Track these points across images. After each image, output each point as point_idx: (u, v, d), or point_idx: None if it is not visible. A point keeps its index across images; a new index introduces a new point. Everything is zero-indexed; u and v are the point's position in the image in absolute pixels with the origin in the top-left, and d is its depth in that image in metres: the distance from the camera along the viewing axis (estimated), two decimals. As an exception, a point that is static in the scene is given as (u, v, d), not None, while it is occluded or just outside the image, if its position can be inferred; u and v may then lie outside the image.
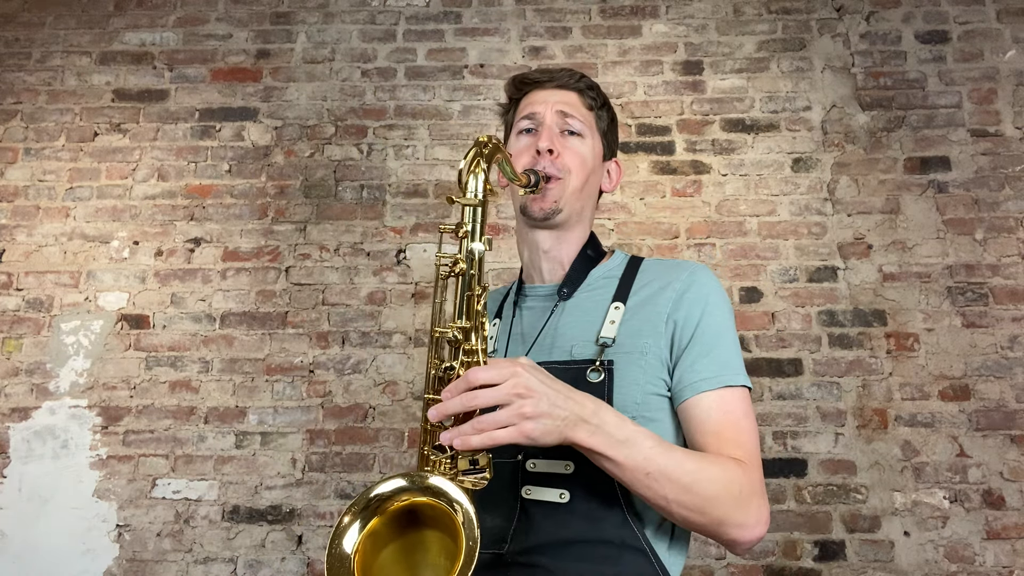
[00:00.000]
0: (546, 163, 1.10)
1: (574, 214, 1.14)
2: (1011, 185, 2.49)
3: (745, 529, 0.90)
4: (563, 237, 1.15)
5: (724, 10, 2.75)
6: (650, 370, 1.00)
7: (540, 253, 1.16)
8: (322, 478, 2.38)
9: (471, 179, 0.93)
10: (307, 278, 2.56)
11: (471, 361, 0.89)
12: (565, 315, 1.10)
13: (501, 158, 0.96)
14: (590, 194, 1.18)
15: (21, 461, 2.40)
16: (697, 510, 0.88)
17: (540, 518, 0.96)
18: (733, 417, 0.97)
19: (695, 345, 1.00)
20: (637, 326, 1.03)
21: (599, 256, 1.18)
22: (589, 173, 1.15)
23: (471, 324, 0.90)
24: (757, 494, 0.92)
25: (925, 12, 2.68)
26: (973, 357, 2.35)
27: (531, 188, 1.07)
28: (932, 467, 2.27)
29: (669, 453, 0.88)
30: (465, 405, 0.80)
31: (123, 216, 2.62)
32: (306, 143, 2.69)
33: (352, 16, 2.82)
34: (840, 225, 2.50)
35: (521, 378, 0.80)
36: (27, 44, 2.81)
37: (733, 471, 0.90)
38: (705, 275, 1.07)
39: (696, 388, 0.98)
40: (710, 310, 1.03)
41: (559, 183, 1.11)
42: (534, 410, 0.80)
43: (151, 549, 2.33)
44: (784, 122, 2.62)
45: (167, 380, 2.47)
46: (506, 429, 0.79)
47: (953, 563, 2.19)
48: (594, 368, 1.00)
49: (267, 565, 2.31)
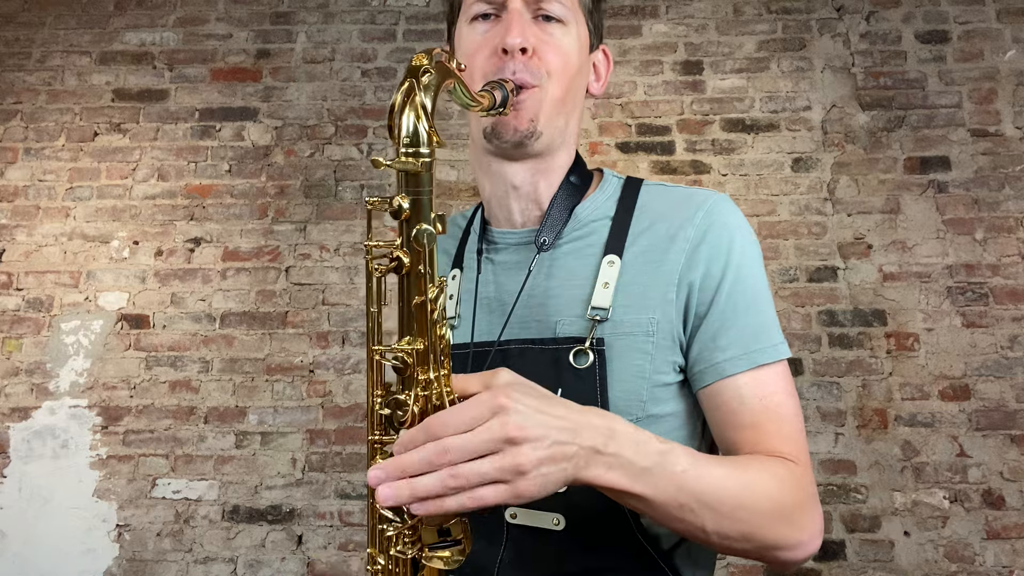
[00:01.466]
0: (517, 65, 0.79)
1: (557, 134, 0.85)
2: (1011, 185, 2.49)
3: (799, 549, 0.71)
4: (541, 167, 0.86)
5: (724, 10, 2.75)
6: (659, 355, 0.77)
7: (509, 190, 0.87)
8: (322, 478, 2.38)
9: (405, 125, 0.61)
10: (307, 278, 2.56)
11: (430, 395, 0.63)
12: (545, 275, 0.84)
13: (453, 82, 0.66)
14: (576, 102, 0.88)
15: (21, 461, 2.41)
16: (743, 537, 0.68)
17: (533, 549, 0.77)
18: (773, 402, 0.76)
19: (717, 312, 0.78)
20: (639, 292, 0.79)
21: (585, 183, 0.89)
22: (575, 73, 0.85)
23: (425, 344, 0.63)
24: (810, 502, 0.73)
25: (925, 12, 2.68)
26: (973, 357, 2.35)
27: (497, 109, 0.76)
28: (932, 467, 2.28)
29: (706, 474, 0.67)
30: (431, 464, 0.56)
31: (123, 216, 2.62)
32: (306, 143, 2.69)
33: (352, 16, 2.82)
34: (840, 225, 2.51)
35: (509, 416, 0.57)
36: (27, 44, 2.81)
37: (784, 480, 0.71)
38: (726, 210, 0.82)
39: (722, 370, 0.76)
40: (735, 261, 0.79)
41: (534, 93, 0.81)
42: (531, 459, 0.57)
43: (151, 549, 2.33)
44: (784, 122, 2.62)
45: (167, 380, 2.47)
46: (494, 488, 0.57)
47: (953, 563, 2.19)
48: (581, 348, 0.76)
49: (267, 565, 2.31)
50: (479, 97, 0.72)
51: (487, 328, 0.86)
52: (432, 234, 0.62)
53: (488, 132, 0.83)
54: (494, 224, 0.91)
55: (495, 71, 0.80)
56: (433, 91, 0.62)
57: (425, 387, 0.63)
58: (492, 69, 0.81)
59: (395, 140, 0.62)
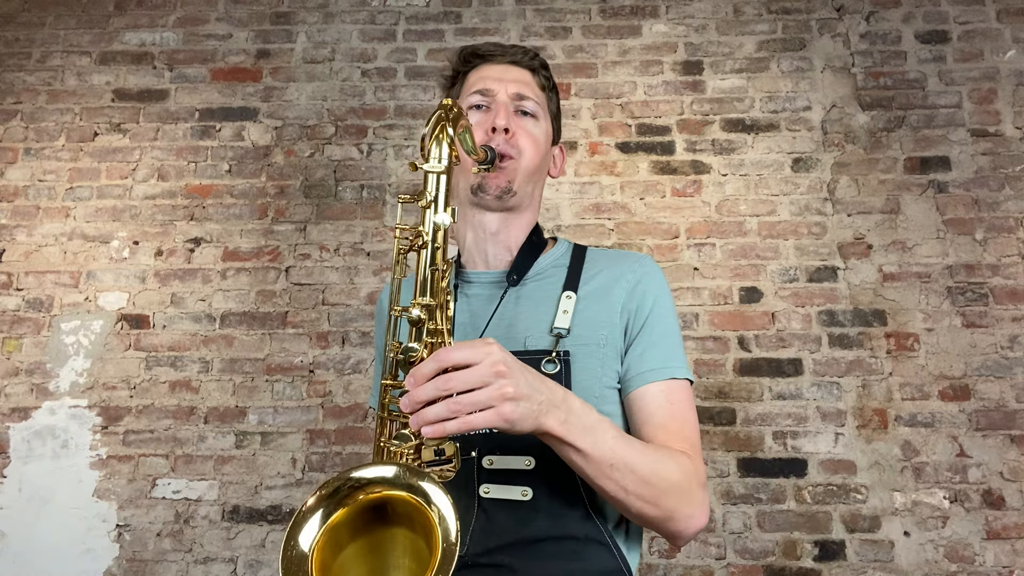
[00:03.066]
0: (500, 140, 1.06)
1: (526, 196, 1.12)
2: (1011, 185, 2.49)
3: (692, 520, 0.90)
4: (512, 220, 1.11)
5: (724, 10, 2.75)
6: (608, 362, 0.99)
7: (487, 236, 1.11)
8: (322, 478, 2.38)
9: (434, 145, 0.87)
10: (307, 278, 2.56)
11: (435, 342, 0.82)
12: (515, 304, 1.06)
13: (465, 126, 0.91)
14: (540, 177, 1.15)
15: (21, 461, 2.40)
16: (652, 502, 0.87)
17: (502, 517, 0.92)
18: (679, 409, 0.97)
19: (645, 335, 1.00)
20: (592, 316, 1.02)
21: (543, 243, 1.15)
22: (543, 155, 1.13)
23: (436, 302, 0.83)
24: (702, 487, 0.92)
25: (925, 12, 2.68)
26: (973, 357, 2.35)
27: (486, 165, 1.03)
28: (932, 467, 2.27)
29: (630, 444, 0.87)
30: (439, 390, 0.73)
31: (123, 216, 2.62)
32: (306, 143, 2.69)
33: (352, 16, 2.82)
34: (840, 225, 2.50)
35: (498, 356, 0.75)
36: (27, 44, 2.81)
37: (684, 465, 0.90)
38: (654, 267, 1.08)
39: (645, 378, 0.98)
40: (660, 301, 1.04)
41: (512, 163, 1.08)
42: (515, 390, 0.74)
43: (151, 549, 2.33)
44: (784, 122, 2.62)
45: (167, 380, 2.47)
46: (484, 412, 0.73)
47: (953, 563, 2.19)
48: (549, 359, 0.97)
49: (267, 565, 2.31)
50: (479, 149, 0.99)
51: None
52: (447, 221, 0.85)
53: (475, 187, 1.08)
54: (470, 267, 1.14)
55: (486, 140, 1.06)
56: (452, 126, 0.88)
57: (432, 335, 0.83)
58: (484, 138, 1.07)
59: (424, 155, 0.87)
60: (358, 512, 0.75)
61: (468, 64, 1.15)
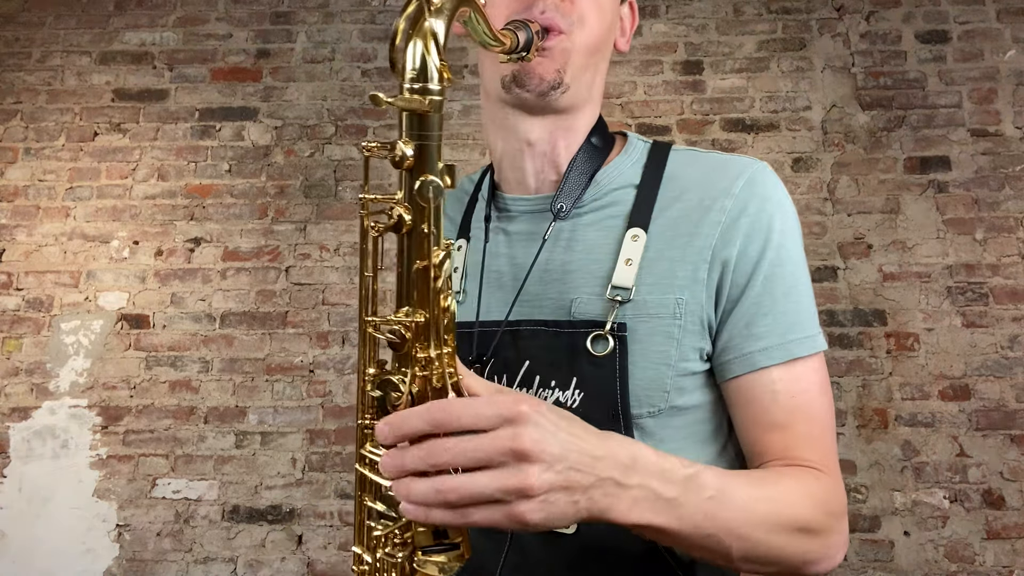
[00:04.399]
0: (547, 5, 0.71)
1: (583, 90, 0.78)
2: (1011, 185, 2.49)
3: (823, 564, 0.66)
4: (563, 126, 0.78)
5: (724, 10, 2.75)
6: (687, 340, 0.70)
7: (524, 148, 0.78)
8: (322, 478, 2.38)
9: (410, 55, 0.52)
10: (307, 278, 2.56)
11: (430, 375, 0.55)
12: (562, 248, 0.76)
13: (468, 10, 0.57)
14: (604, 57, 0.81)
15: (21, 461, 2.40)
16: (770, 561, 0.63)
17: (539, 553, 0.70)
18: (804, 400, 0.69)
19: (753, 297, 0.70)
20: (667, 268, 0.71)
21: (608, 146, 0.81)
22: (608, 24, 0.78)
23: (426, 316, 0.55)
24: (841, 517, 0.67)
25: (925, 12, 2.68)
26: (973, 357, 2.35)
27: (520, 53, 0.68)
28: (932, 467, 2.27)
29: (734, 498, 0.60)
30: (428, 462, 0.50)
31: (123, 216, 2.62)
32: (306, 143, 2.69)
33: (352, 16, 2.82)
34: (840, 225, 2.51)
35: (526, 427, 0.50)
36: (27, 44, 2.81)
37: (816, 498, 0.65)
38: (769, 181, 0.74)
39: (754, 362, 0.69)
40: (776, 240, 0.71)
41: (563, 39, 0.73)
42: (541, 482, 0.50)
43: (151, 549, 2.33)
44: (784, 122, 2.62)
45: (167, 380, 2.47)
46: (489, 509, 0.50)
47: (953, 563, 2.19)
48: (600, 334, 0.69)
49: (267, 565, 2.31)
50: (501, 35, 0.63)
51: (495, 305, 0.77)
52: (439, 187, 0.53)
53: (507, 81, 0.74)
54: (505, 189, 0.82)
55: (521, 9, 0.71)
56: (446, 16, 0.52)
57: (424, 366, 0.55)
58: (518, 7, 0.72)
59: (399, 74, 0.53)
60: None
61: None
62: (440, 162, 0.54)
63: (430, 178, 0.53)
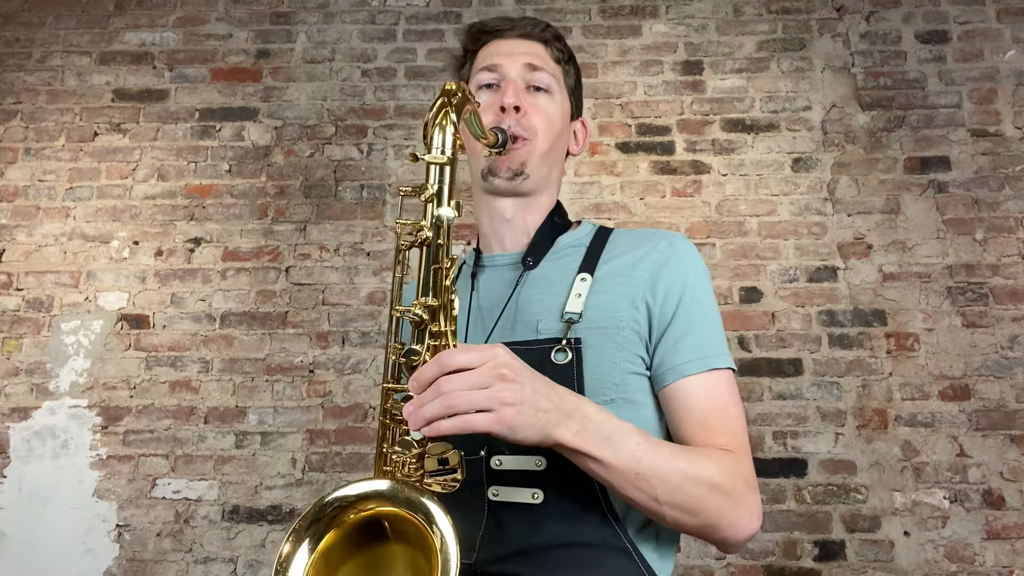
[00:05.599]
0: (511, 121, 0.99)
1: (541, 180, 1.04)
2: (1011, 185, 2.49)
3: (739, 528, 0.82)
4: (529, 205, 1.05)
5: (724, 10, 2.75)
6: (627, 346, 0.91)
7: (503, 222, 1.05)
8: (322, 478, 2.38)
9: (437, 133, 0.81)
10: (307, 278, 2.56)
11: (439, 344, 0.77)
12: (529, 287, 0.99)
13: (471, 110, 0.85)
14: (557, 157, 1.08)
15: (21, 461, 2.40)
16: (690, 511, 0.80)
17: (511, 522, 0.86)
18: (720, 402, 0.88)
19: (678, 323, 0.91)
20: (609, 299, 0.93)
21: (566, 225, 1.08)
22: (557, 134, 1.05)
23: (439, 302, 0.78)
24: (751, 488, 0.84)
25: (925, 12, 2.68)
26: (973, 357, 2.35)
27: (498, 148, 0.96)
28: (932, 467, 2.27)
29: (658, 449, 0.80)
30: (437, 393, 0.70)
31: (123, 216, 2.62)
32: (306, 143, 2.69)
33: (352, 16, 2.82)
34: (840, 225, 2.50)
35: (502, 359, 0.71)
36: (27, 44, 2.81)
37: (727, 465, 0.83)
38: (685, 245, 0.98)
39: (680, 372, 0.89)
40: (692, 283, 0.94)
41: (525, 144, 1.00)
42: (515, 396, 0.70)
43: (151, 549, 2.33)
44: (784, 122, 2.62)
45: (167, 380, 2.47)
46: (483, 415, 0.69)
47: (953, 563, 2.19)
48: (560, 347, 0.89)
49: (267, 565, 2.31)
50: (488, 133, 0.93)
51: (479, 336, 0.99)
52: (451, 216, 0.80)
53: (485, 171, 1.01)
54: (487, 251, 1.08)
55: (497, 120, 0.99)
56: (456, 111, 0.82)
57: (435, 337, 0.78)
58: (494, 119, 0.99)
59: (427, 144, 0.82)
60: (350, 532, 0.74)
61: (477, 42, 1.09)
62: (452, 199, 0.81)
63: (445, 208, 0.80)
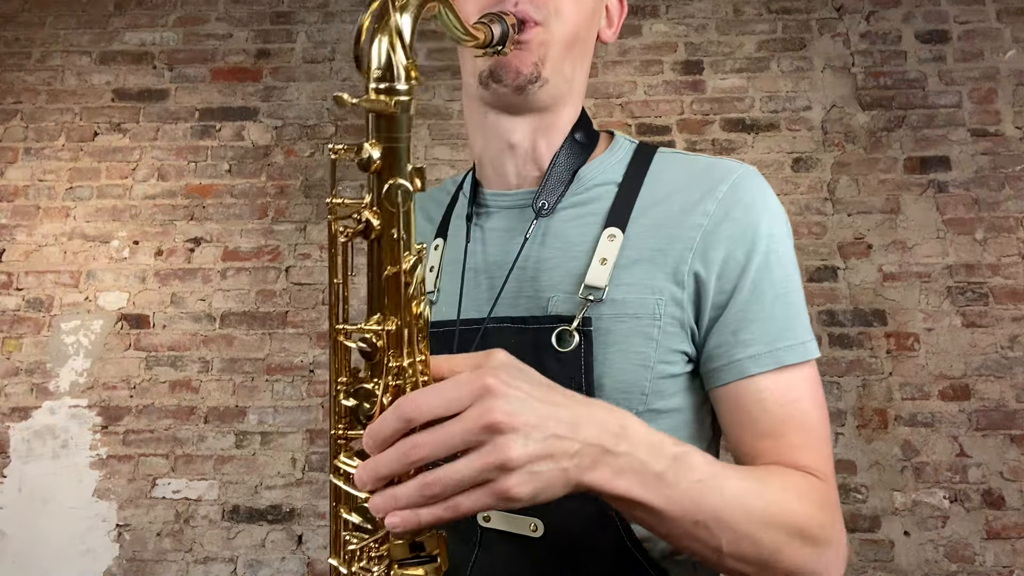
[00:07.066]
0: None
1: (563, 84, 0.74)
2: (1011, 185, 2.49)
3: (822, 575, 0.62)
4: (544, 124, 0.75)
5: (724, 10, 2.75)
6: (666, 342, 0.67)
7: (506, 149, 0.76)
8: (322, 478, 2.38)
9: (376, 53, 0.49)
10: (307, 278, 2.56)
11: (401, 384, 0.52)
12: (541, 245, 0.73)
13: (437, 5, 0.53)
14: (585, 51, 0.77)
15: (21, 461, 2.40)
16: (760, 563, 0.58)
17: (507, 555, 0.68)
18: (798, 409, 0.66)
19: (741, 302, 0.67)
20: (646, 270, 0.68)
21: (592, 143, 0.77)
22: (587, 15, 0.74)
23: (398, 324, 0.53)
24: (837, 523, 0.63)
25: (925, 12, 2.68)
26: (973, 357, 2.35)
27: (494, 48, 0.65)
28: (932, 467, 2.28)
29: (725, 483, 0.57)
30: (404, 462, 0.47)
31: (123, 216, 2.62)
32: (306, 143, 2.69)
33: (352, 16, 2.82)
34: (840, 225, 2.51)
35: (495, 400, 0.47)
36: (27, 44, 2.81)
37: (812, 499, 0.61)
38: (755, 184, 0.71)
39: (743, 369, 0.66)
40: (764, 245, 0.68)
41: (539, 32, 0.70)
42: (520, 453, 0.47)
43: (151, 549, 2.33)
44: (784, 122, 2.62)
45: (167, 380, 2.47)
46: (476, 492, 0.47)
47: (953, 563, 2.19)
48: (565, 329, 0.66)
49: (267, 565, 2.31)
50: (473, 30, 0.60)
51: (474, 304, 0.75)
52: (408, 191, 0.51)
53: (484, 76, 0.71)
54: (486, 185, 0.80)
55: (494, 2, 0.69)
56: (413, 12, 0.49)
57: (397, 375, 0.52)
58: (490, 1, 0.69)
59: (364, 73, 0.50)
60: None
61: None
62: (409, 164, 0.51)
63: (399, 181, 0.51)
